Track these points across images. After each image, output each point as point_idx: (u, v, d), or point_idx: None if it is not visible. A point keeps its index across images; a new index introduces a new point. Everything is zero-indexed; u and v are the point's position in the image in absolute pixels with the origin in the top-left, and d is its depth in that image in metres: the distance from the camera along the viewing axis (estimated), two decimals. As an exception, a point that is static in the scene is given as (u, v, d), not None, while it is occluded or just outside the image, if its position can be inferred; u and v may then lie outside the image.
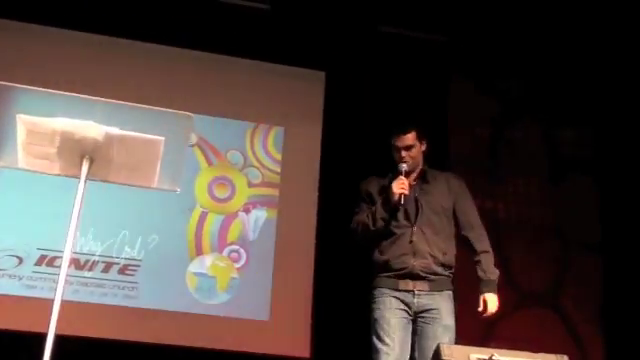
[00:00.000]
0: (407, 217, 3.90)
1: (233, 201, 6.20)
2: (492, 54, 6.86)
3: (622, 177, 6.74)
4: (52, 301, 2.43)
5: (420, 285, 3.79)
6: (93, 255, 5.82)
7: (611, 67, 6.80)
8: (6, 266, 5.68)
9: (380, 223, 3.83)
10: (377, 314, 3.79)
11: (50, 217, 5.59)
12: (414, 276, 3.81)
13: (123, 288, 5.82)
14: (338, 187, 6.38)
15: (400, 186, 3.81)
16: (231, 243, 6.11)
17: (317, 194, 6.37)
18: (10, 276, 5.67)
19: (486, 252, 4.08)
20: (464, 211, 4.10)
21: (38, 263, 5.72)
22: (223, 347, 5.79)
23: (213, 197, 6.19)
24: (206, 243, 6.07)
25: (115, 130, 2.46)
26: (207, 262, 6.02)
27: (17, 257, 5.71)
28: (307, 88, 6.62)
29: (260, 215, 6.21)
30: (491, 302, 3.94)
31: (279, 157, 6.43)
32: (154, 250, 5.93)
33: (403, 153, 4.02)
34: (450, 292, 3.94)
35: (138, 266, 5.88)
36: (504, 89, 7.05)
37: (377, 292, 3.86)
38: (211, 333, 5.83)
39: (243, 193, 6.26)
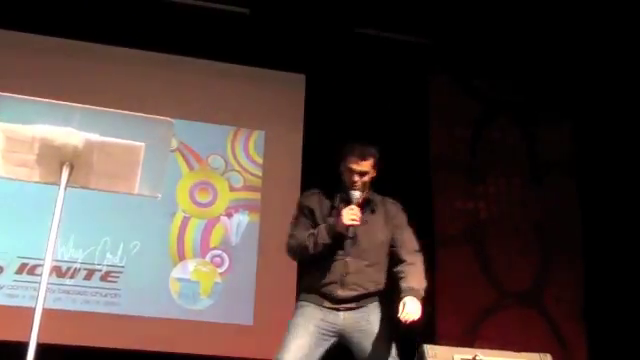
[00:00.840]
0: (343, 246, 3.65)
1: (215, 206, 6.19)
2: (471, 55, 6.89)
3: (602, 176, 6.79)
4: (34, 309, 2.41)
5: (346, 306, 3.68)
6: (74, 262, 5.79)
7: (589, 66, 6.84)
8: (-14, 275, 5.64)
9: (320, 248, 3.60)
10: (293, 320, 3.66)
11: (30, 225, 5.55)
12: (340, 302, 3.66)
13: (105, 295, 5.79)
14: (319, 188, 6.37)
15: (352, 217, 3.57)
16: (214, 248, 6.10)
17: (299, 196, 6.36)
18: (-9, 285, 5.63)
19: (416, 265, 3.87)
20: (403, 240, 3.91)
21: (19, 272, 5.68)
22: (208, 352, 5.77)
23: (195, 202, 6.17)
24: (188, 248, 6.05)
25: (95, 136, 2.44)
26: (190, 267, 6.00)
27: (-2, 266, 5.67)
28: (287, 91, 6.62)
29: (242, 219, 6.20)
30: (409, 304, 3.70)
31: (260, 161, 6.43)
32: (136, 256, 5.91)
33: (356, 178, 3.78)
34: (377, 302, 3.78)
35: (120, 272, 5.85)
36: (484, 89, 7.08)
37: (300, 304, 3.72)
38: (195, 338, 5.81)
39: (225, 197, 6.25)
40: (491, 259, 6.60)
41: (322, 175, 6.34)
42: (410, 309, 3.56)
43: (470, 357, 3.60)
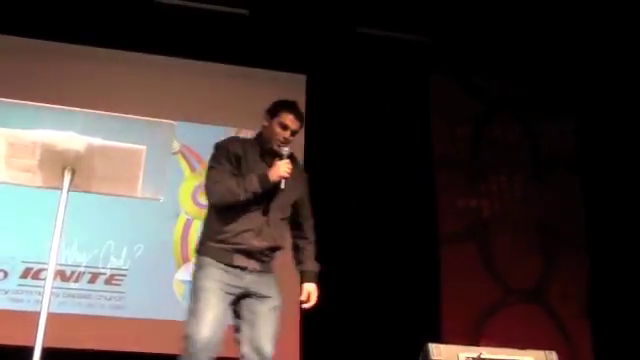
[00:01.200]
0: (266, 197, 3.65)
1: (218, 208, 6.19)
2: (472, 53, 6.89)
3: (605, 172, 6.78)
4: (38, 314, 2.42)
5: (253, 264, 3.66)
6: (79, 266, 5.79)
7: (591, 62, 6.84)
8: (-9, 280, 5.65)
9: (250, 196, 3.55)
10: (201, 284, 3.52)
11: (34, 229, 5.57)
12: (250, 254, 3.64)
13: (110, 298, 5.79)
14: (323, 189, 6.38)
15: (286, 170, 3.59)
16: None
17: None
18: (-5, 290, 5.64)
19: (314, 243, 4.02)
20: (305, 204, 3.99)
21: (23, 276, 5.69)
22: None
23: (197, 204, 6.17)
24: (192, 250, 6.02)
25: (96, 140, 2.44)
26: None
27: (2, 271, 5.68)
28: (288, 92, 6.56)
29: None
30: (314, 293, 3.85)
31: (263, 162, 6.42)
32: (140, 259, 5.91)
33: (288, 134, 3.75)
34: (274, 274, 3.81)
35: (124, 276, 5.86)
36: (484, 88, 7.08)
37: (206, 261, 3.60)
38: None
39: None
40: (495, 257, 6.60)
41: (323, 175, 6.38)
42: (314, 299, 3.85)
43: (475, 355, 3.59)
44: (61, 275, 5.68)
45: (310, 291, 3.86)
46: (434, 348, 3.64)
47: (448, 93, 6.97)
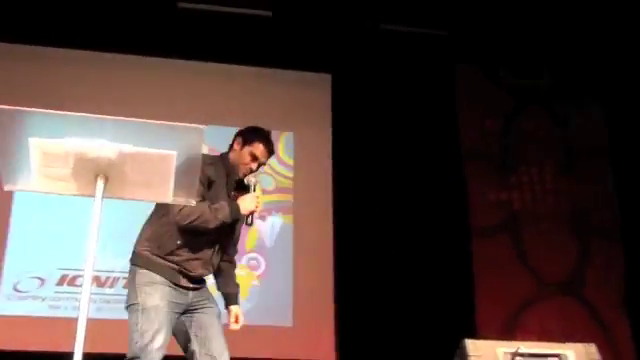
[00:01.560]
0: (218, 229, 3.57)
1: (248, 210, 6.21)
2: (498, 45, 6.85)
3: (637, 160, 6.70)
4: (76, 320, 2.45)
5: (195, 284, 3.58)
6: (113, 272, 5.85)
7: (619, 50, 6.76)
8: (29, 288, 5.73)
9: (218, 224, 3.48)
10: (154, 303, 3.38)
11: (69, 236, 5.64)
12: (194, 280, 3.58)
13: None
14: (352, 187, 6.39)
15: (257, 204, 3.59)
16: (249, 251, 6.12)
17: (332, 196, 6.37)
18: (33, 297, 5.72)
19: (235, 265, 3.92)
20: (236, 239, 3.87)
21: (60, 283, 5.77)
22: (247, 355, 5.77)
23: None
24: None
25: (127, 147, 2.47)
26: (225, 272, 6.02)
27: (39, 278, 5.76)
28: (314, 91, 6.63)
29: (276, 221, 6.22)
30: (241, 314, 3.80)
31: (291, 162, 6.45)
32: (174, 263, 5.94)
33: (254, 166, 3.74)
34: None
35: (159, 280, 5.89)
36: (512, 79, 7.04)
37: (156, 278, 3.46)
38: (235, 341, 5.81)
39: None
40: (528, 249, 6.56)
41: (353, 173, 6.40)
42: (242, 320, 3.80)
43: (513, 350, 3.56)
44: (97, 281, 5.75)
45: (238, 313, 3.78)
46: (471, 344, 3.60)
47: (476, 86, 6.94)
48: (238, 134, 3.89)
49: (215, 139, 6.24)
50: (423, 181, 6.52)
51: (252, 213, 3.62)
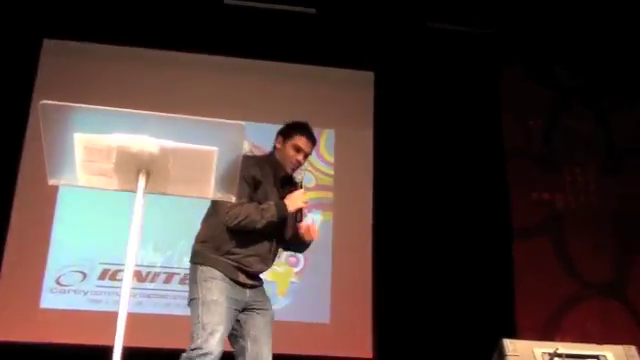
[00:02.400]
0: (276, 229, 3.66)
1: (288, 206, 6.22)
2: (543, 43, 6.77)
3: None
4: (117, 314, 2.47)
5: (253, 282, 3.66)
6: (154, 267, 5.91)
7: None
8: (71, 282, 5.81)
9: (266, 224, 3.53)
10: (214, 297, 3.48)
11: (110, 231, 5.71)
12: (252, 276, 3.65)
13: (185, 298, 5.86)
14: (392, 186, 6.38)
15: (304, 201, 3.61)
16: (288, 248, 6.13)
17: (372, 194, 6.36)
18: (75, 291, 5.80)
19: None
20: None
21: (101, 277, 5.84)
22: (286, 351, 5.76)
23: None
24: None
25: (169, 143, 2.48)
26: (265, 268, 6.04)
27: (81, 272, 5.83)
28: (356, 89, 6.62)
29: (316, 218, 6.22)
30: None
31: (331, 160, 6.45)
32: (213, 259, 5.98)
33: (301, 157, 3.76)
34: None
35: (198, 275, 5.93)
36: (557, 78, 6.96)
37: (216, 273, 3.54)
38: (273, 338, 5.84)
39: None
40: (570, 250, 6.48)
41: (394, 171, 6.37)
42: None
43: (551, 351, 3.53)
44: (137, 276, 5.81)
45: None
46: (509, 344, 3.59)
47: (519, 85, 6.87)
48: (278, 133, 3.93)
49: (257, 136, 6.31)
50: (465, 180, 6.47)
51: (301, 210, 3.65)
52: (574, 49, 6.76)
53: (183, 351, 3.57)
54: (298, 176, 3.74)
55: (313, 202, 6.29)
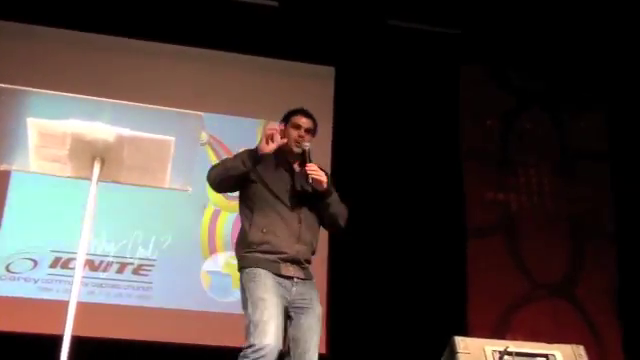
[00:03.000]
0: (291, 202, 3.70)
1: (245, 199, 6.20)
2: (501, 45, 6.83)
3: (636, 164, 6.70)
4: (67, 303, 2.44)
5: (298, 272, 3.62)
6: (107, 256, 5.84)
7: (620, 53, 6.76)
8: (21, 269, 5.71)
9: (243, 165, 3.57)
10: (260, 295, 3.46)
11: (63, 219, 5.62)
12: (295, 262, 3.62)
13: (138, 288, 5.84)
14: (349, 181, 6.37)
15: (267, 132, 3.69)
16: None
17: (329, 189, 6.35)
18: (25, 279, 5.71)
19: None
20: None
21: (53, 265, 5.75)
22: (240, 345, 5.78)
23: (225, 195, 6.18)
24: (219, 241, 6.08)
25: (125, 131, 2.46)
26: (221, 260, 6.03)
27: (32, 260, 5.74)
28: (317, 83, 6.61)
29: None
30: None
31: (290, 153, 6.43)
32: (168, 250, 5.95)
33: (303, 133, 3.87)
34: (314, 280, 3.78)
35: (152, 266, 5.90)
36: (514, 80, 7.03)
37: (259, 272, 3.53)
38: (227, 331, 5.82)
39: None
40: (523, 250, 6.55)
41: (351, 168, 6.38)
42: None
43: (501, 349, 3.56)
44: (90, 265, 5.74)
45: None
46: (460, 341, 3.60)
47: (478, 85, 6.92)
48: (279, 126, 3.97)
49: (215, 127, 6.29)
50: (421, 179, 6.51)
51: (307, 175, 3.68)
52: (533, 52, 6.84)
53: (134, 341, 3.54)
54: (307, 145, 3.83)
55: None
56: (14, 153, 2.51)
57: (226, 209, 6.16)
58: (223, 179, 3.61)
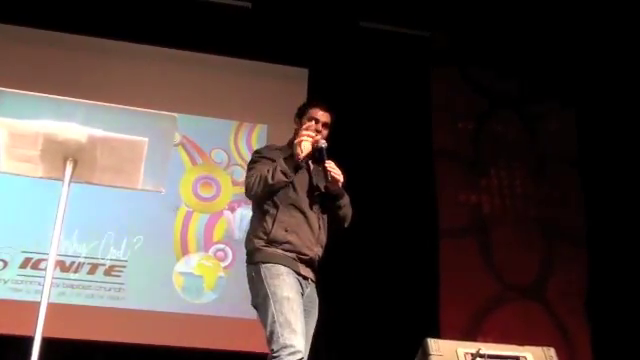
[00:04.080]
0: (312, 202, 3.65)
1: (218, 200, 6.20)
2: (472, 47, 6.89)
3: (606, 167, 6.77)
4: (38, 304, 2.42)
5: (312, 274, 3.60)
6: (78, 257, 5.80)
7: (591, 57, 6.84)
8: (-9, 270, 5.66)
9: (279, 177, 3.48)
10: (285, 293, 3.38)
11: (34, 219, 5.58)
12: (310, 263, 3.58)
13: (109, 289, 5.80)
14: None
15: (302, 136, 3.59)
16: (217, 242, 6.10)
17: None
18: (-5, 280, 5.65)
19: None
20: None
21: (23, 266, 5.70)
22: (212, 346, 5.78)
23: (198, 196, 6.18)
24: (192, 242, 6.06)
25: (98, 132, 2.45)
26: (193, 262, 6.01)
27: (1, 260, 5.68)
28: (290, 85, 6.61)
29: (245, 213, 6.18)
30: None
31: (263, 155, 6.43)
32: (140, 251, 5.92)
33: (320, 128, 3.77)
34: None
35: (124, 267, 5.87)
36: (485, 82, 7.07)
37: (281, 269, 3.45)
38: (200, 332, 5.82)
39: (228, 192, 6.25)
40: (494, 252, 6.60)
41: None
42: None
43: (473, 351, 3.59)
44: (61, 265, 5.69)
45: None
46: (433, 343, 3.63)
47: (450, 87, 6.96)
48: (294, 117, 3.97)
49: (189, 128, 6.28)
50: (393, 180, 6.53)
51: (325, 170, 3.62)
52: (505, 54, 6.89)
53: (106, 343, 3.49)
54: (324, 142, 3.70)
55: (243, 197, 6.22)
56: (-16, 153, 2.49)
57: (199, 210, 6.15)
58: (268, 192, 3.53)
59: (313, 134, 3.61)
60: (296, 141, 3.59)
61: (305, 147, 3.57)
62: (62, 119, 2.42)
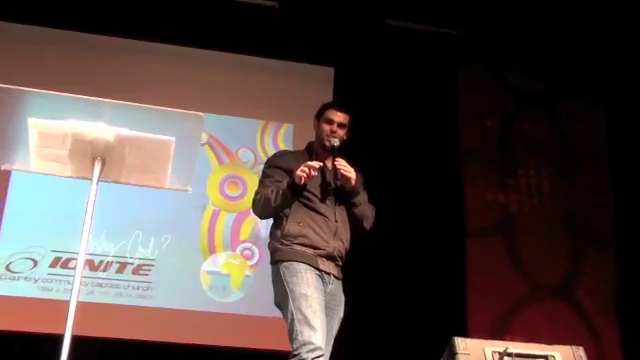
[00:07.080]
0: (327, 198, 3.69)
1: (245, 199, 6.21)
2: (502, 45, 6.84)
3: (636, 166, 6.70)
4: (68, 302, 2.44)
5: (334, 269, 3.63)
6: (107, 256, 5.85)
7: (622, 56, 6.76)
8: (22, 269, 5.72)
9: (280, 200, 3.53)
10: (303, 290, 3.41)
11: (63, 219, 5.64)
12: (331, 258, 3.61)
13: (137, 288, 5.84)
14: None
15: (305, 168, 3.50)
16: (244, 241, 6.12)
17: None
18: (26, 278, 5.71)
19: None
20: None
21: (53, 265, 5.76)
22: (238, 345, 5.80)
23: (225, 195, 6.21)
24: (219, 242, 6.08)
25: (126, 131, 2.46)
26: (220, 260, 6.04)
27: (32, 260, 5.74)
28: (316, 84, 6.61)
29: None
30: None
31: (290, 154, 6.44)
32: (167, 250, 5.95)
33: (336, 128, 3.81)
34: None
35: (152, 266, 5.91)
36: (514, 80, 7.02)
37: (300, 266, 3.48)
38: (226, 331, 5.85)
39: (254, 191, 6.25)
40: (522, 252, 6.55)
41: (351, 167, 6.38)
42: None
43: (501, 350, 3.56)
44: (90, 264, 5.74)
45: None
46: (460, 342, 3.60)
47: (478, 86, 6.93)
48: (313, 123, 4.01)
49: (216, 128, 6.30)
50: (420, 179, 6.50)
51: (335, 169, 3.68)
52: (533, 52, 6.84)
53: (134, 341, 3.53)
54: (335, 141, 3.78)
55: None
56: (15, 153, 2.52)
57: (226, 209, 6.17)
58: (271, 214, 3.69)
59: (317, 167, 3.57)
60: (297, 172, 3.53)
61: (303, 179, 3.55)
62: (90, 119, 2.44)
